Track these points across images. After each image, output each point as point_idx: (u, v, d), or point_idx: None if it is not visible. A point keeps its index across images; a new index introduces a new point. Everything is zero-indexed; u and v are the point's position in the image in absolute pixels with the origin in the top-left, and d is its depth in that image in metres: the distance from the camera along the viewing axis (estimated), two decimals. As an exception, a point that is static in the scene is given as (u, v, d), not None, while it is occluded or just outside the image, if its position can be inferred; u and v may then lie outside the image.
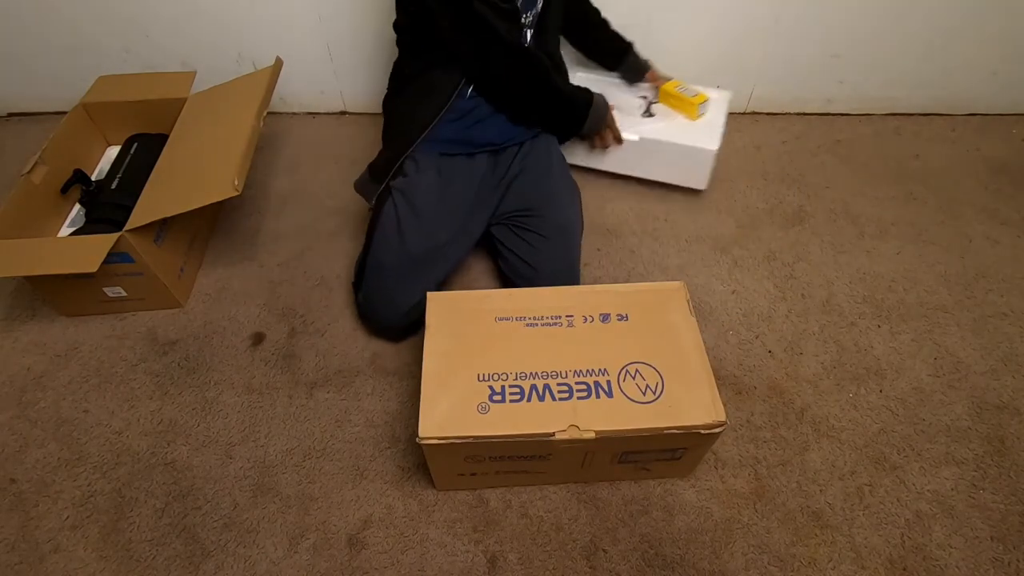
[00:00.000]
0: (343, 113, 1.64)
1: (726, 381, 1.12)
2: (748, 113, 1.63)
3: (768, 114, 1.63)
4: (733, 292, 1.25)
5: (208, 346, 1.18)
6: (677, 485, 1.00)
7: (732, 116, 1.62)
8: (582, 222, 1.22)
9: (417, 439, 0.82)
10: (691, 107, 1.37)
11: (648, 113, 1.41)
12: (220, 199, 1.06)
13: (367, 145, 1.52)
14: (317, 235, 1.36)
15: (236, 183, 1.04)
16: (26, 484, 1.01)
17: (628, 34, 1.45)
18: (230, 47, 1.49)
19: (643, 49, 1.49)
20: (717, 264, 1.30)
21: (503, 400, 0.85)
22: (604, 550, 0.94)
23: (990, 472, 1.01)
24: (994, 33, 1.44)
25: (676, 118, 1.39)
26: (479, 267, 1.29)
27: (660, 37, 1.46)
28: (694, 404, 0.85)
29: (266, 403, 1.10)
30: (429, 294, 0.96)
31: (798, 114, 1.63)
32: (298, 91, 1.59)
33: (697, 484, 1.00)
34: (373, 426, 1.07)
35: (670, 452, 0.91)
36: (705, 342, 1.03)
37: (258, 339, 1.19)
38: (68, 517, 0.98)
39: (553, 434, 0.82)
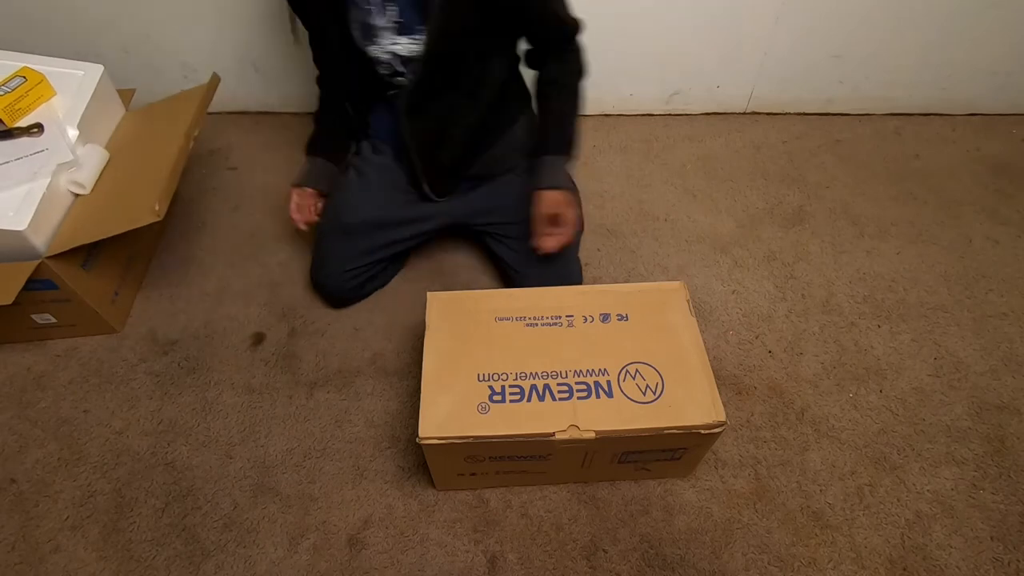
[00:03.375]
0: (343, 113, 1.64)
1: (726, 381, 1.12)
2: (748, 113, 1.63)
3: (768, 114, 1.63)
4: (733, 292, 1.25)
5: (208, 346, 1.18)
6: (677, 485, 1.00)
7: (732, 116, 1.63)
8: (581, 222, 1.22)
9: (417, 439, 0.82)
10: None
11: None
12: (141, 224, 1.00)
13: (367, 145, 1.52)
14: (317, 235, 1.36)
15: (157, 208, 0.99)
16: (26, 484, 1.01)
17: (628, 35, 1.45)
18: (230, 47, 1.49)
19: (643, 49, 1.48)
20: (717, 264, 1.30)
21: (503, 400, 0.85)
22: (604, 550, 0.94)
23: (990, 472, 1.01)
24: (994, 33, 1.44)
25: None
26: (479, 267, 1.29)
27: (660, 37, 1.46)
28: (694, 404, 0.85)
29: (266, 403, 1.10)
30: (429, 294, 0.96)
31: (798, 114, 1.62)
32: (298, 91, 1.59)
33: (697, 484, 1.00)
34: (373, 426, 1.07)
35: (670, 452, 0.91)
36: (705, 342, 1.03)
37: (258, 339, 1.19)
38: (68, 517, 0.98)
39: (553, 434, 0.82)
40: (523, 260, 1.14)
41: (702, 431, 0.84)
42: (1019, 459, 1.02)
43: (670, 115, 1.64)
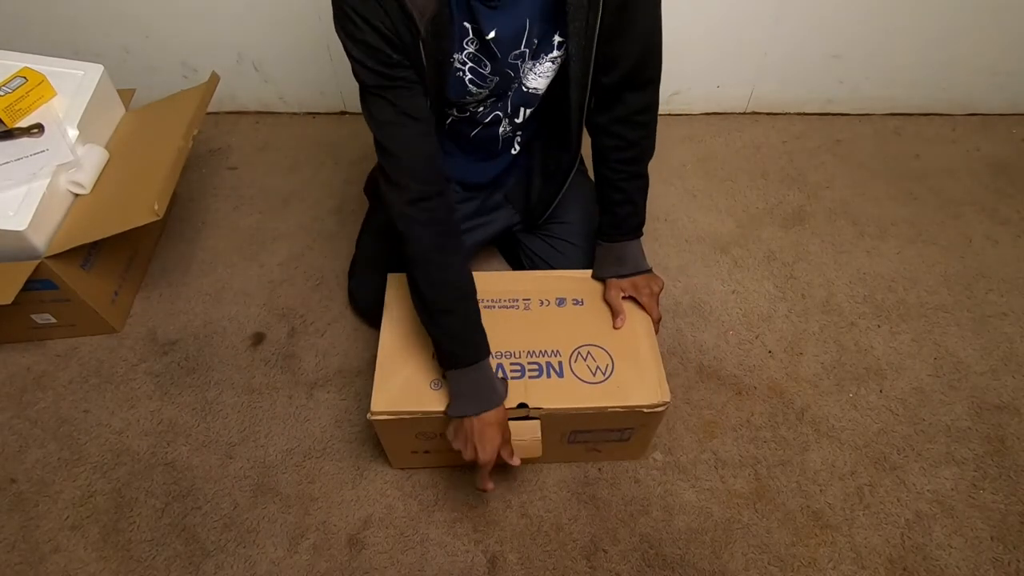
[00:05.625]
0: (343, 113, 1.64)
1: (726, 381, 1.12)
2: (748, 113, 1.63)
3: (768, 114, 1.63)
4: (733, 292, 1.25)
5: (208, 346, 1.18)
6: (677, 485, 1.00)
7: (732, 116, 1.63)
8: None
9: (368, 415, 0.84)
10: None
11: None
12: (140, 224, 1.01)
13: (367, 145, 1.51)
14: (317, 235, 1.36)
15: (156, 207, 0.99)
16: (26, 484, 1.01)
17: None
18: (230, 47, 1.49)
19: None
20: (717, 264, 1.30)
21: None
22: (604, 550, 0.94)
23: (990, 472, 1.01)
24: (994, 33, 1.44)
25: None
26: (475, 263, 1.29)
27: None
28: (642, 385, 0.87)
29: (266, 403, 1.10)
30: (390, 276, 0.98)
31: (798, 114, 1.62)
32: (298, 91, 1.59)
33: (697, 484, 1.00)
34: (373, 426, 1.07)
35: (618, 432, 0.93)
36: (705, 342, 1.03)
37: (258, 339, 1.19)
38: (68, 517, 0.98)
39: None
40: (566, 262, 1.11)
41: (645, 410, 0.86)
42: (1019, 459, 1.02)
43: (670, 115, 1.63)
